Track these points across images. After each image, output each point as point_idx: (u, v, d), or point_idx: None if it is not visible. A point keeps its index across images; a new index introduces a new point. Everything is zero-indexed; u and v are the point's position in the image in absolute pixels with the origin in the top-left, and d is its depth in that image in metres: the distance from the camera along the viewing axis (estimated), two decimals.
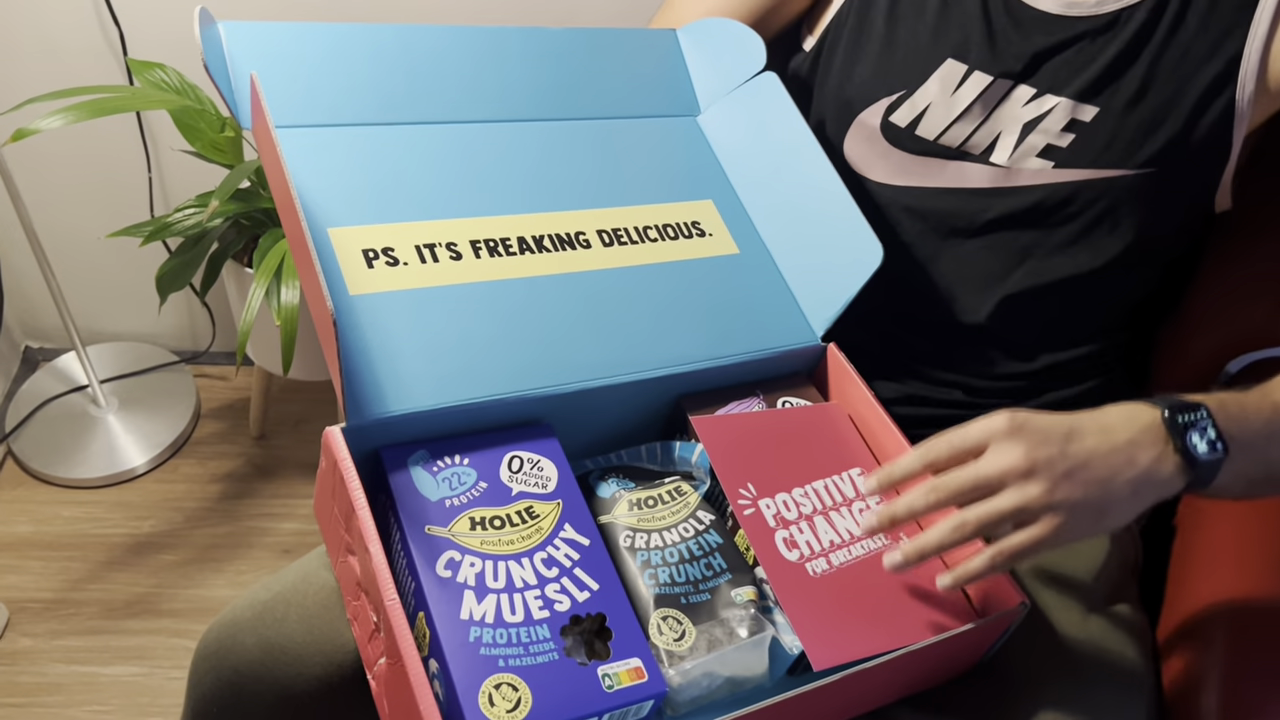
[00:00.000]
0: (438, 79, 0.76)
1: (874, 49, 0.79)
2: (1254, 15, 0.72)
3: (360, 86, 0.73)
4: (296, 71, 0.72)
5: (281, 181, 0.61)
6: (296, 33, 0.73)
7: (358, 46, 0.74)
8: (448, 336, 0.66)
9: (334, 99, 0.72)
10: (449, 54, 0.78)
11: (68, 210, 1.43)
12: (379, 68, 0.75)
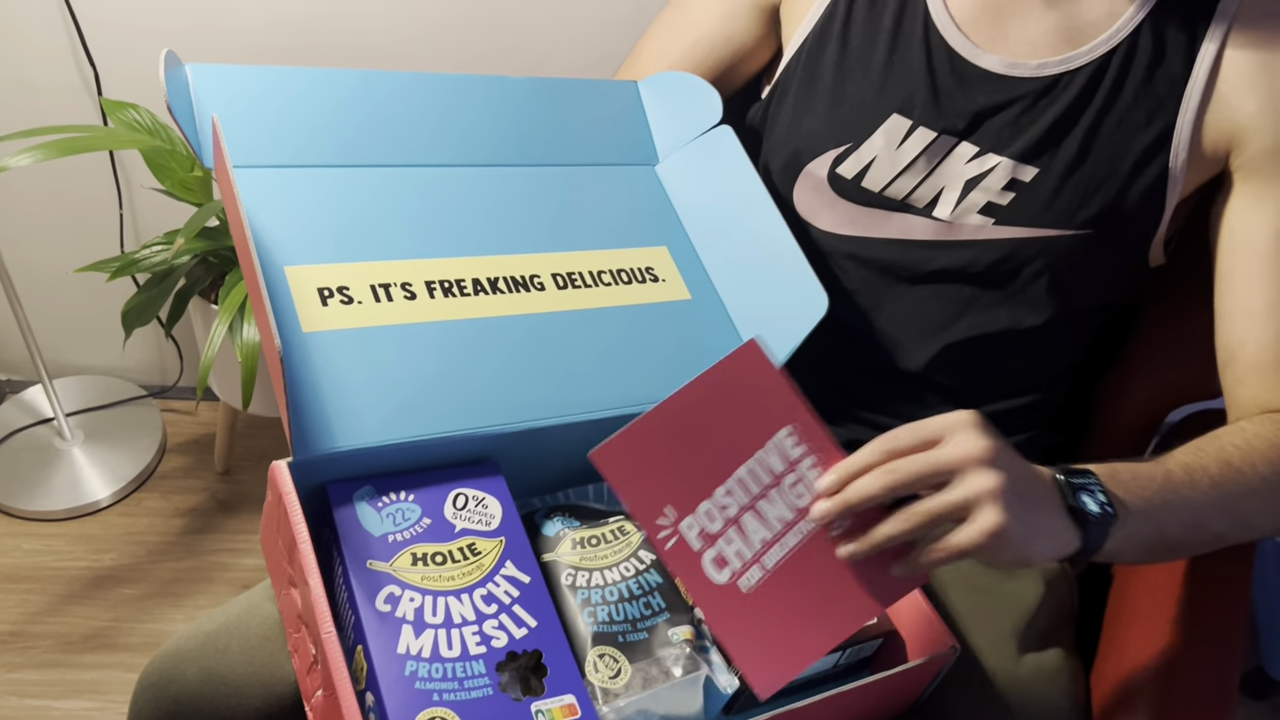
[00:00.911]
0: (399, 123, 0.78)
1: (822, 102, 0.82)
2: (1186, 88, 0.75)
3: (323, 129, 0.75)
4: (261, 113, 0.73)
5: (237, 220, 0.62)
6: (262, 76, 0.74)
7: (322, 90, 0.76)
8: (398, 374, 0.67)
9: (296, 141, 0.74)
10: (411, 99, 0.80)
11: (38, 244, 1.44)
12: (342, 111, 0.76)
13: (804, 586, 0.61)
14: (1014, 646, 0.75)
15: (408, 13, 1.24)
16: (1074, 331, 0.84)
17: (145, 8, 1.21)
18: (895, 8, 0.80)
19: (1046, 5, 0.77)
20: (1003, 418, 0.84)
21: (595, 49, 1.27)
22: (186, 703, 0.66)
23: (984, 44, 0.78)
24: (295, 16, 1.22)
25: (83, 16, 1.20)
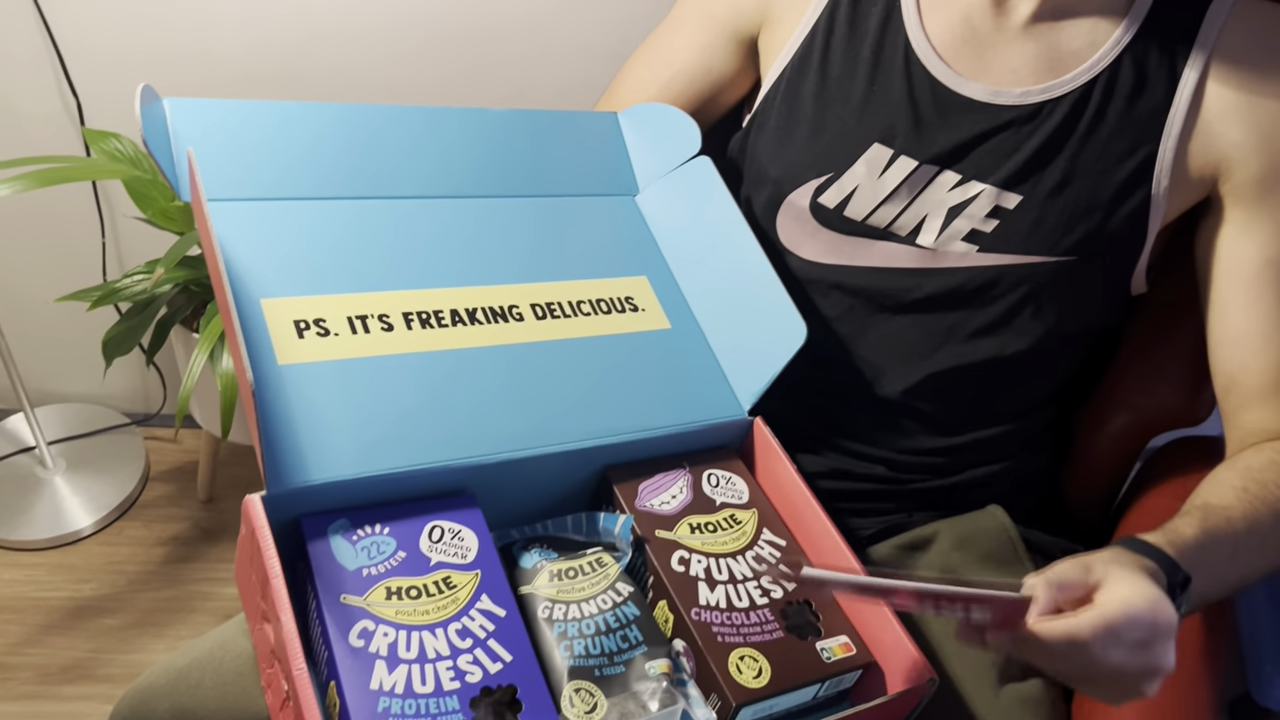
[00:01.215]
0: (378, 155, 0.78)
1: (803, 132, 0.82)
2: (1168, 116, 0.76)
3: (300, 161, 0.75)
4: (239, 146, 0.73)
5: (212, 253, 0.62)
6: (239, 109, 0.74)
7: (300, 123, 0.76)
8: (374, 406, 0.66)
9: (274, 173, 0.74)
10: (390, 132, 0.80)
11: (19, 272, 1.44)
12: (320, 144, 0.77)
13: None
14: (994, 676, 0.75)
15: (390, 41, 1.25)
16: (1057, 358, 0.84)
17: (128, 37, 1.22)
18: (874, 38, 0.80)
19: (1028, 34, 0.77)
20: (984, 444, 0.85)
21: (576, 80, 1.27)
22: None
23: (966, 72, 0.78)
24: (279, 44, 1.22)
25: (65, 45, 1.20)
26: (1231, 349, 0.78)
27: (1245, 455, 0.76)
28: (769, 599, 0.69)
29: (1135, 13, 0.76)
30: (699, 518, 0.73)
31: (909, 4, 0.79)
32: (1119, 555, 0.62)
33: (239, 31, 1.23)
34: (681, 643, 0.66)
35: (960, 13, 0.78)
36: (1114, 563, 0.60)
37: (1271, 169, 0.75)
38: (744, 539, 0.73)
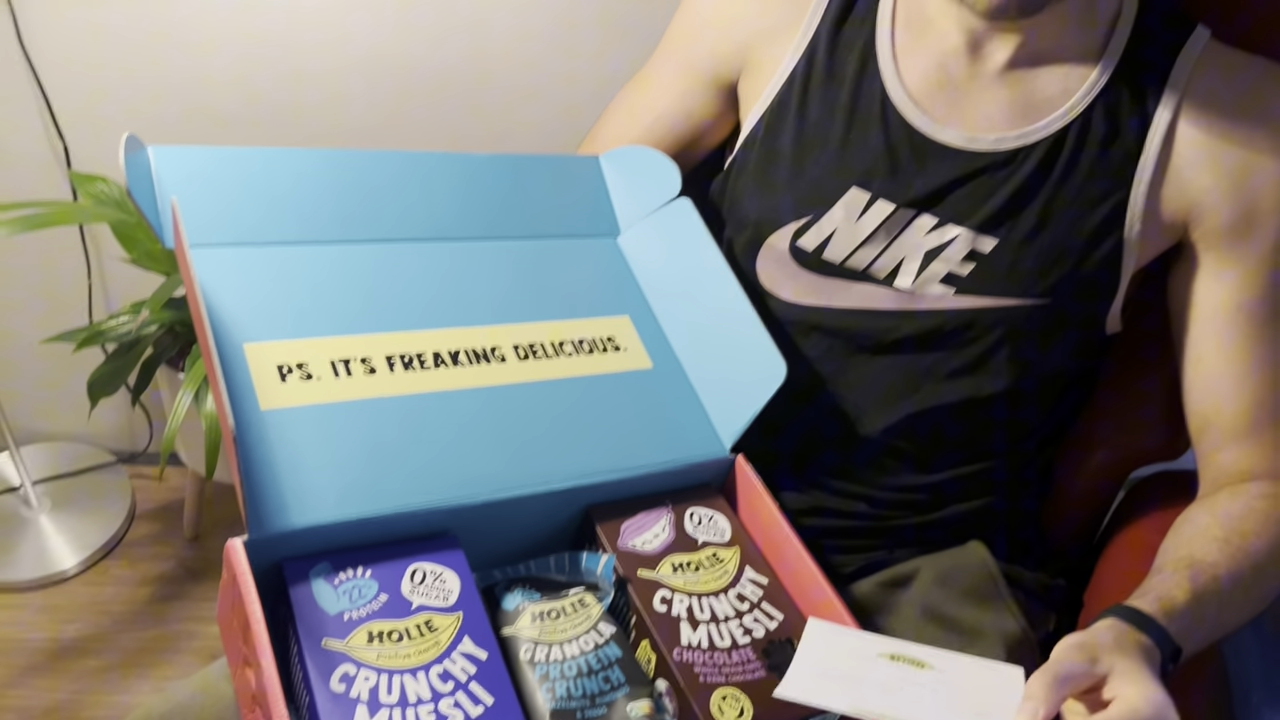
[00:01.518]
0: (361, 200, 0.79)
1: (781, 176, 0.83)
2: (1139, 162, 0.77)
3: (283, 206, 0.76)
4: (222, 192, 0.74)
5: (195, 299, 0.63)
6: (223, 156, 0.75)
7: (283, 168, 0.77)
8: (356, 449, 0.67)
9: (257, 219, 0.74)
10: (372, 176, 0.80)
11: (5, 312, 1.44)
12: (303, 189, 0.77)
13: None
14: None
15: (374, 87, 1.26)
16: (1034, 398, 0.85)
17: (115, 80, 1.23)
18: (851, 84, 0.82)
19: (1002, 81, 0.79)
20: (964, 482, 0.86)
21: (558, 124, 1.29)
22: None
23: (942, 119, 0.80)
24: (263, 88, 1.24)
25: (51, 89, 1.22)
26: (1206, 391, 0.80)
27: (1222, 499, 0.77)
28: (751, 638, 0.69)
29: (1107, 61, 0.78)
30: (681, 556, 0.73)
31: (885, 51, 0.81)
32: (1121, 639, 0.62)
33: (224, 76, 1.24)
34: (664, 683, 0.66)
35: (935, 60, 0.80)
36: (1118, 651, 0.60)
37: (1242, 215, 0.76)
38: (726, 578, 0.73)
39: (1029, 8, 0.71)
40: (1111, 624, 0.64)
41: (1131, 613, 0.65)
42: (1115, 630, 0.63)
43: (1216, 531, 0.74)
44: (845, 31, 0.82)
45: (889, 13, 0.81)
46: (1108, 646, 0.61)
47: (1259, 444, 0.79)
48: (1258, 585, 0.73)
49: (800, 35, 0.83)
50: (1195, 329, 0.80)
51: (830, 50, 0.82)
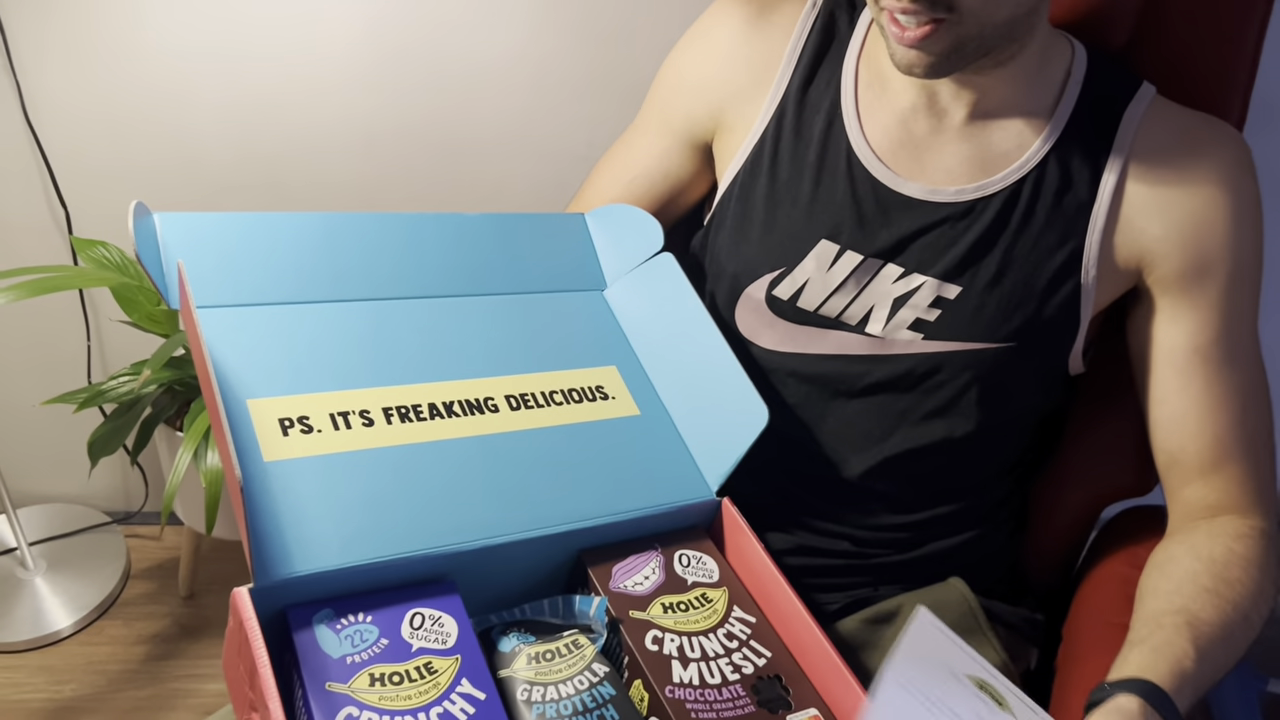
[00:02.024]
0: (356, 260, 0.82)
1: (756, 231, 0.87)
2: (1092, 211, 0.80)
3: (283, 268, 0.78)
4: (224, 256, 0.77)
5: (200, 357, 0.65)
6: (224, 221, 0.78)
7: (281, 231, 0.80)
8: (356, 498, 0.68)
9: (258, 280, 0.77)
10: (367, 237, 0.83)
11: (3, 376, 1.46)
12: (301, 250, 0.80)
13: None
14: None
15: (366, 149, 1.30)
16: (1006, 437, 0.88)
17: (115, 148, 1.26)
18: (819, 142, 0.85)
19: (960, 137, 0.82)
20: (943, 520, 0.88)
21: (545, 183, 1.33)
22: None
23: (904, 173, 0.83)
24: (259, 154, 1.27)
25: (54, 159, 1.25)
26: (1170, 431, 0.82)
27: (1202, 541, 0.79)
28: (740, 675, 0.71)
29: (1058, 117, 0.81)
30: (671, 597, 0.75)
31: (849, 110, 0.85)
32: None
33: (220, 143, 1.27)
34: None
35: (896, 117, 0.83)
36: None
37: (1192, 263, 0.80)
38: (715, 617, 0.75)
39: (936, 71, 0.75)
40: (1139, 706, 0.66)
41: (1160, 696, 0.66)
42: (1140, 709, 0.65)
43: (1206, 581, 0.75)
44: (811, 93, 0.86)
45: (852, 75, 0.85)
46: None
47: (1224, 479, 0.81)
48: (1243, 635, 0.75)
49: (769, 98, 0.87)
50: (1156, 371, 0.83)
51: (798, 111, 0.86)
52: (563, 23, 1.24)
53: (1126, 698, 0.66)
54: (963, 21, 0.71)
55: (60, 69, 1.21)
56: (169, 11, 1.19)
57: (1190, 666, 0.69)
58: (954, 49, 0.73)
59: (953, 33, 0.72)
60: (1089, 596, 0.91)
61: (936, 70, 0.75)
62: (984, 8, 0.71)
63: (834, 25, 0.87)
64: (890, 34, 0.74)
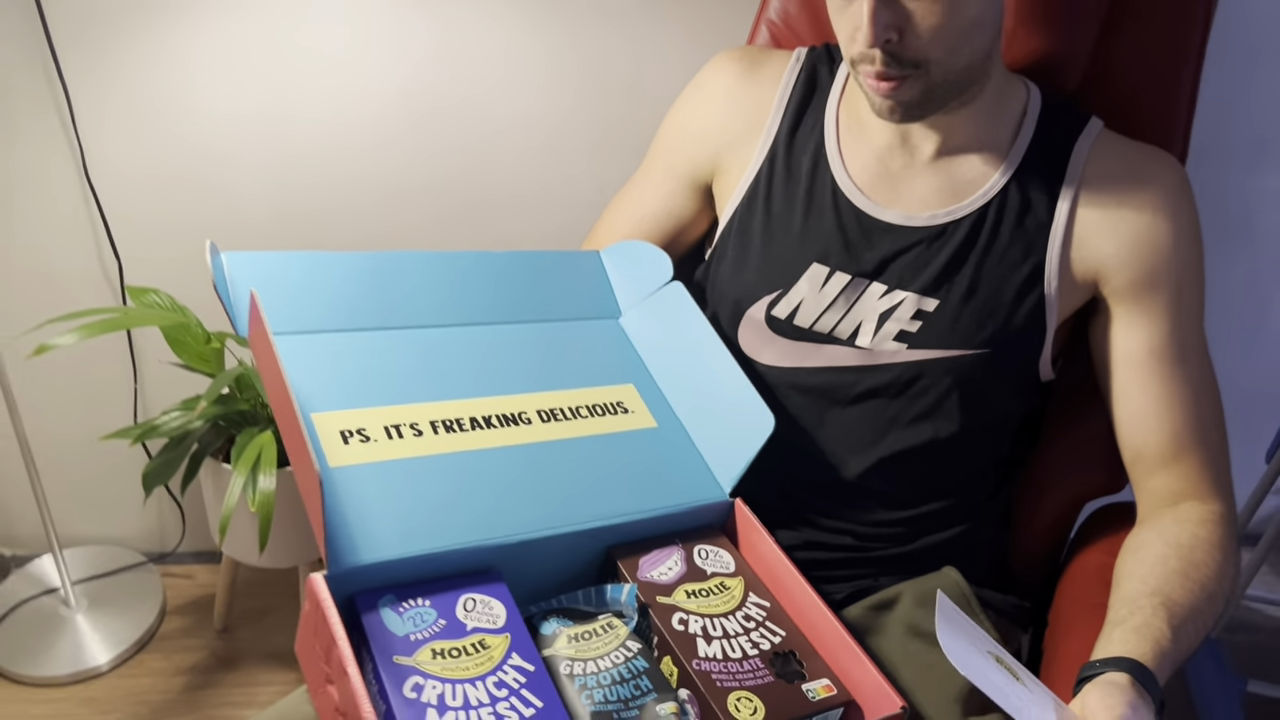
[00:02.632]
0: (403, 292, 0.90)
1: (754, 259, 0.95)
2: (1050, 231, 0.89)
3: (337, 300, 0.86)
4: (285, 289, 0.84)
5: (276, 376, 0.72)
6: (284, 259, 0.86)
7: (335, 268, 0.88)
8: (411, 499, 0.75)
9: (316, 311, 0.84)
10: (411, 273, 0.91)
11: (47, 420, 1.52)
12: (352, 285, 0.87)
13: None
14: (959, 710, 0.82)
15: (397, 203, 1.38)
16: (987, 438, 0.95)
17: (167, 204, 1.34)
18: (807, 179, 0.94)
19: (931, 169, 0.91)
20: (935, 516, 0.95)
21: (559, 228, 1.41)
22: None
23: (883, 202, 0.92)
24: (297, 210, 1.36)
25: (109, 212, 1.33)
26: (1133, 426, 0.90)
27: (1169, 526, 0.86)
28: (759, 650, 0.77)
29: (1016, 149, 0.90)
30: (693, 585, 0.81)
31: (832, 150, 0.93)
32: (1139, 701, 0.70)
33: (261, 200, 1.36)
34: (686, 692, 0.74)
35: (874, 155, 0.92)
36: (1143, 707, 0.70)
37: (1142, 275, 0.88)
38: (733, 601, 0.81)
39: (912, 115, 0.85)
40: (1131, 683, 0.72)
41: (1144, 673, 0.73)
42: (1141, 695, 0.71)
43: (1175, 564, 0.82)
44: (798, 137, 0.95)
45: (833, 120, 0.94)
46: (1132, 703, 0.69)
47: (1184, 468, 0.88)
48: (1210, 612, 0.81)
49: (761, 143, 0.96)
50: (1117, 373, 0.90)
51: (787, 153, 0.95)
52: (572, 86, 1.33)
53: (1116, 674, 0.72)
54: (929, 72, 0.81)
55: (118, 132, 1.30)
56: (216, 80, 1.28)
57: (1168, 646, 0.75)
58: (924, 96, 0.83)
59: (921, 82, 0.81)
60: (1071, 583, 0.98)
61: (911, 115, 0.84)
62: (946, 58, 0.81)
63: (815, 77, 0.96)
64: (868, 87, 0.83)
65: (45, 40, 1.21)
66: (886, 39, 0.78)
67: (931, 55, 0.80)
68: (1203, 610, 0.80)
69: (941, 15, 0.78)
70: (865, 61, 0.82)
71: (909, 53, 0.80)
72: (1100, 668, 0.73)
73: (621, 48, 1.31)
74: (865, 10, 0.77)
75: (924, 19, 0.78)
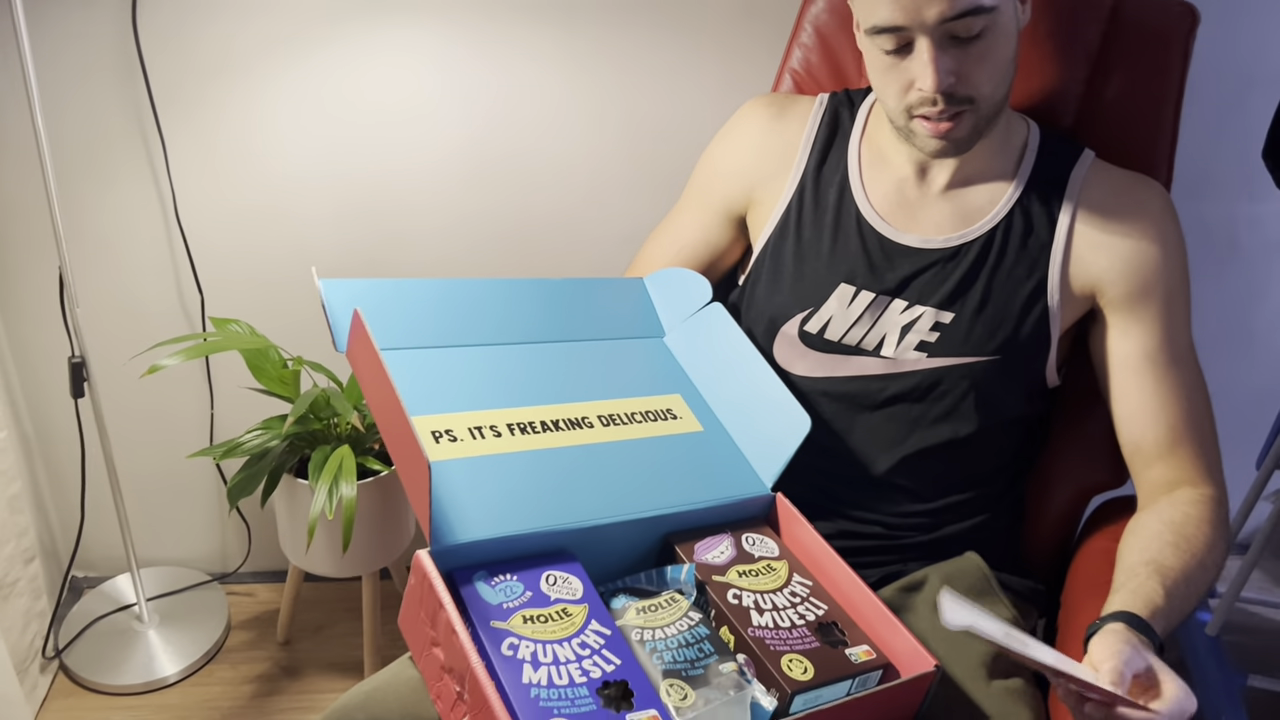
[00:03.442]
0: (474, 313, 0.98)
1: (787, 282, 1.04)
2: (1051, 250, 0.98)
3: (420, 321, 0.95)
4: (376, 311, 0.94)
5: (384, 380, 0.80)
6: (373, 285, 0.95)
7: (416, 293, 0.96)
8: (496, 489, 0.84)
9: (402, 329, 0.93)
10: (480, 296, 1.00)
11: (127, 452, 1.61)
12: (431, 307, 0.96)
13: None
14: (985, 674, 0.90)
15: (449, 238, 1.48)
16: (1001, 438, 1.03)
17: (243, 244, 1.45)
18: (833, 209, 1.03)
19: (944, 198, 1.00)
20: (956, 508, 1.02)
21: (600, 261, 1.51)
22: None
23: (902, 227, 1.01)
24: (362, 243, 1.46)
25: (194, 250, 1.44)
26: (1131, 423, 0.98)
27: (1164, 508, 0.93)
28: (805, 621, 0.85)
29: (1019, 178, 1.00)
30: (744, 566, 0.89)
31: (855, 182, 1.03)
32: (1142, 644, 0.78)
33: (329, 240, 1.46)
34: (743, 656, 0.81)
35: (894, 185, 1.01)
36: (1152, 654, 0.77)
37: (1134, 287, 0.96)
38: (780, 580, 0.89)
39: (960, 150, 0.94)
40: (1129, 630, 0.79)
41: (1139, 621, 0.80)
42: (1138, 637, 0.79)
43: (1169, 537, 0.90)
44: (824, 172, 1.04)
45: (856, 156, 1.04)
46: (1142, 652, 0.77)
47: (1178, 458, 0.96)
48: (1201, 579, 0.89)
49: (791, 178, 1.05)
50: (1115, 376, 0.99)
51: (815, 187, 1.04)
52: (612, 130, 1.43)
53: (1113, 624, 0.80)
54: (979, 107, 0.90)
55: (205, 179, 1.40)
56: (291, 132, 1.39)
57: (1160, 602, 0.83)
58: (973, 130, 0.92)
59: (972, 117, 0.91)
60: (1080, 566, 1.05)
61: (960, 149, 0.94)
62: (993, 93, 0.91)
63: (838, 119, 1.06)
64: (924, 130, 0.92)
65: (148, 97, 1.32)
66: (949, 82, 0.87)
67: (983, 91, 0.89)
68: (1194, 576, 0.87)
69: (990, 55, 0.88)
70: (924, 106, 0.90)
71: (963, 90, 0.89)
72: (1101, 623, 0.81)
73: (658, 96, 1.42)
74: (928, 61, 0.86)
75: (977, 60, 0.88)
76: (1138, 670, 0.75)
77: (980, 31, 0.86)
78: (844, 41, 1.18)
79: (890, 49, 0.88)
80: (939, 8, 0.84)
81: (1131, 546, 0.91)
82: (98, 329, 1.47)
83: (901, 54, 0.89)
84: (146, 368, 1.20)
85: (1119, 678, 0.73)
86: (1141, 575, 0.85)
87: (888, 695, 0.79)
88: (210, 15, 1.30)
